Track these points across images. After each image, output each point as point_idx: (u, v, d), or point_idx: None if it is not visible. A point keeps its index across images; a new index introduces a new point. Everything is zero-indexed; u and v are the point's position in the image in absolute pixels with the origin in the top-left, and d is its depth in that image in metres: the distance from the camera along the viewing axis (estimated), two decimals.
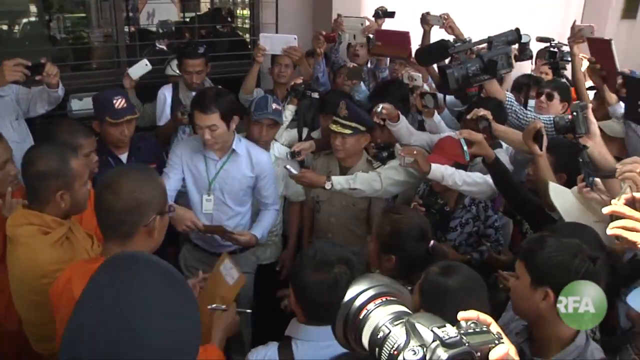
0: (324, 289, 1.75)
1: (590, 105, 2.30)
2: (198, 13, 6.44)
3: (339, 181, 2.98)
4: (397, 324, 0.91)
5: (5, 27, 6.09)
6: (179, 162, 3.03)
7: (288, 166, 3.03)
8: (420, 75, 3.58)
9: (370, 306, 0.96)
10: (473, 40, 2.92)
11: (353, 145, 3.16)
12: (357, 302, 0.97)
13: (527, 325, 1.88)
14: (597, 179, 2.17)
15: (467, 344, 0.85)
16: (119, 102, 2.94)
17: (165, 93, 3.82)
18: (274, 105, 3.19)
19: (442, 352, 0.83)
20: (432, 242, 2.36)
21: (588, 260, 1.65)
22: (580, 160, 2.18)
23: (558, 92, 3.78)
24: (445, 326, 0.87)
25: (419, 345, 0.85)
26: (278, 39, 3.87)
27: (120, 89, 3.13)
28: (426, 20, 4.06)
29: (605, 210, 1.45)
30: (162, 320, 1.06)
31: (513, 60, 2.79)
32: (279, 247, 3.63)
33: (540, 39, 4.02)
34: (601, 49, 3.17)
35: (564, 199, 2.25)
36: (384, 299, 0.97)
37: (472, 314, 0.94)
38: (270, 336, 1.95)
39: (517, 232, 3.20)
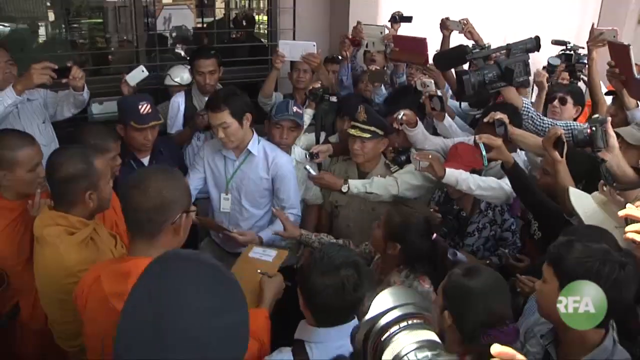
0: (330, 292, 1.78)
1: (609, 119, 2.26)
2: (216, 19, 6.48)
3: (355, 185, 3.03)
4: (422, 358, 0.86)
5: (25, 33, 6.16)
6: (201, 163, 3.14)
7: (307, 166, 3.09)
8: (433, 81, 3.58)
9: (395, 328, 0.92)
10: (492, 47, 2.91)
11: (372, 149, 3.19)
12: (382, 322, 0.93)
13: (552, 327, 1.88)
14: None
15: None
16: (145, 108, 3.00)
17: (179, 101, 3.83)
18: (295, 108, 3.23)
19: None
20: (434, 235, 2.46)
21: (618, 267, 1.66)
22: (602, 173, 2.21)
23: (571, 96, 3.75)
24: None
25: None
26: (297, 45, 3.91)
27: (146, 95, 3.18)
28: (446, 26, 4.06)
29: (621, 213, 1.47)
30: (211, 319, 1.09)
31: (530, 68, 2.78)
32: (295, 251, 3.63)
33: (556, 42, 3.99)
34: (620, 54, 3.15)
35: (585, 205, 2.25)
36: (410, 321, 0.92)
37: (508, 351, 0.87)
38: (287, 338, 1.96)
39: (525, 233, 3.18)
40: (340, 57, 4.38)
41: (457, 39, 3.86)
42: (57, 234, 2.04)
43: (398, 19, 4.33)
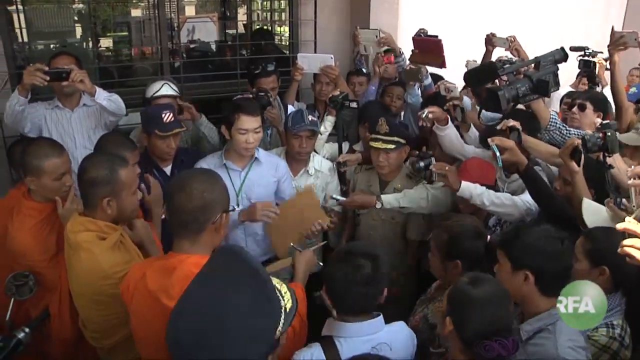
0: (342, 276, 1.88)
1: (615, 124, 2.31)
2: (240, 32, 6.56)
3: (388, 201, 3.10)
4: None
5: (53, 47, 6.33)
6: None
7: (334, 196, 3.18)
8: (456, 85, 3.60)
9: None
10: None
11: (396, 159, 3.24)
12: None
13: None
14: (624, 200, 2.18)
15: None
16: (168, 117, 3.05)
17: None
18: (310, 117, 3.28)
19: None
20: (488, 237, 2.42)
21: (557, 241, 1.94)
22: (607, 180, 2.25)
23: (591, 102, 3.59)
24: None
25: None
26: (315, 58, 3.99)
27: (168, 104, 3.24)
28: (491, 42, 4.07)
29: (619, 226, 1.47)
30: (245, 318, 1.25)
31: (559, 79, 2.78)
32: (319, 256, 3.64)
33: (574, 49, 3.90)
34: None
35: (595, 216, 2.25)
36: None
37: None
38: (310, 339, 2.05)
39: None
40: (365, 71, 4.43)
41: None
42: (91, 240, 2.13)
43: (423, 37, 4.32)
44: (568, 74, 4.27)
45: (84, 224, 2.16)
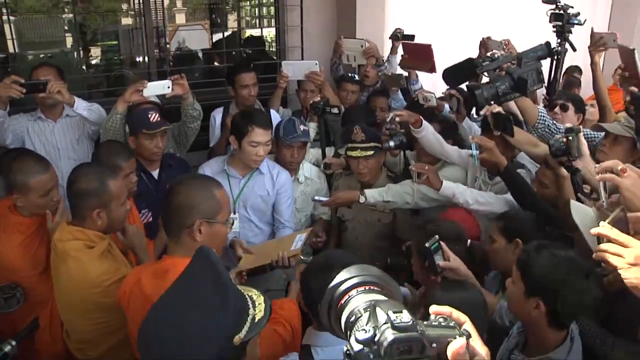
0: (320, 288, 1.79)
1: (582, 129, 2.29)
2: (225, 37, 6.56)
3: (372, 194, 3.07)
4: (368, 309, 0.93)
5: (43, 57, 6.33)
6: None
7: (317, 197, 3.19)
8: (434, 95, 3.63)
9: (353, 293, 0.99)
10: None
11: (375, 165, 3.26)
12: (342, 288, 1.00)
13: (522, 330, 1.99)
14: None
15: (419, 332, 0.84)
16: (154, 117, 3.08)
17: (216, 116, 3.97)
18: (302, 127, 3.30)
19: (389, 334, 0.83)
20: (469, 241, 2.43)
21: (582, 275, 1.75)
22: (575, 183, 2.21)
23: (572, 103, 3.73)
24: (402, 312, 0.86)
25: (373, 327, 0.86)
26: (300, 65, 4.01)
27: (154, 106, 3.23)
28: (486, 45, 4.09)
29: (593, 231, 1.45)
30: (201, 315, 1.29)
31: (544, 76, 2.69)
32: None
33: (546, 1, 3.66)
34: (627, 58, 3.13)
35: (584, 217, 2.26)
36: (367, 287, 0.99)
37: (445, 309, 0.93)
38: None
39: None
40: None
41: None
42: (79, 248, 2.15)
43: (400, 37, 4.35)
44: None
45: (72, 232, 2.17)
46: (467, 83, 2.90)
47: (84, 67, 5.66)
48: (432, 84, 4.08)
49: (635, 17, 6.61)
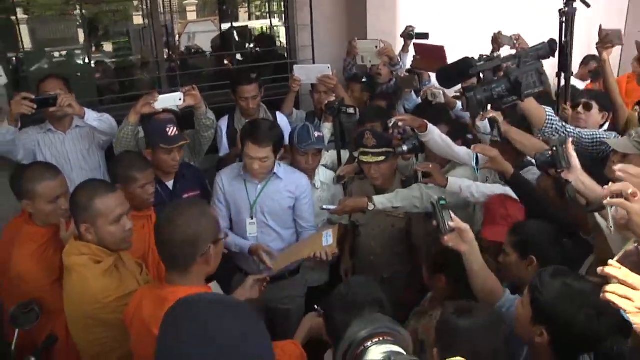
0: (347, 327, 1.80)
1: (570, 139, 2.13)
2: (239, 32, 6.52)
3: (380, 201, 3.03)
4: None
5: (57, 54, 6.37)
6: (221, 197, 3.18)
7: (324, 206, 3.16)
8: (442, 92, 3.59)
9: (368, 343, 1.07)
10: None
11: (388, 170, 3.22)
12: (359, 336, 1.09)
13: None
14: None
15: None
16: (172, 130, 3.06)
17: (221, 126, 3.93)
18: (316, 134, 3.27)
19: None
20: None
21: (593, 314, 1.66)
22: (567, 196, 2.08)
23: (596, 101, 3.53)
24: None
25: None
26: (312, 69, 4.00)
27: (172, 118, 3.22)
28: (497, 41, 4.04)
29: (599, 271, 1.35)
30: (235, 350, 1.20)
31: (547, 77, 2.63)
32: (326, 270, 3.66)
33: None
34: None
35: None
36: (381, 338, 1.08)
37: None
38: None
39: None
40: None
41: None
42: (84, 263, 2.14)
43: (413, 35, 4.31)
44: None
45: (78, 247, 2.18)
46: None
47: (94, 66, 5.67)
48: None
49: None
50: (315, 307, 2.28)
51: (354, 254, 3.58)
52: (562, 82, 3.25)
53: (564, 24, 2.83)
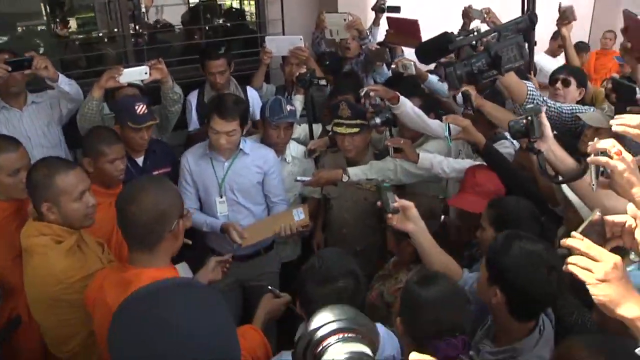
0: (325, 302, 1.77)
1: (544, 109, 2.08)
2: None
3: (355, 172, 3.05)
4: None
5: (19, 29, 6.15)
6: (188, 177, 3.12)
7: (299, 178, 3.15)
8: (412, 63, 3.61)
9: (331, 339, 0.99)
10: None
11: (362, 142, 3.20)
12: (319, 334, 1.00)
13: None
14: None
15: None
16: (141, 108, 2.99)
17: (191, 100, 3.88)
18: (289, 107, 3.22)
19: None
20: (442, 217, 2.42)
21: (542, 270, 1.72)
22: (538, 167, 2.08)
23: (574, 77, 3.59)
24: None
25: None
26: (283, 40, 3.93)
27: (140, 96, 3.17)
28: (468, 14, 4.05)
29: (562, 242, 1.36)
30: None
31: (527, 50, 2.47)
32: (298, 245, 3.66)
33: None
34: (634, 28, 2.89)
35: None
36: (345, 334, 0.99)
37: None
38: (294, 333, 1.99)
39: None
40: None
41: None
42: (45, 243, 2.09)
43: (385, 9, 4.27)
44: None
45: (38, 228, 2.12)
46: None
47: (58, 40, 5.50)
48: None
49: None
50: (269, 287, 2.28)
51: (326, 228, 3.58)
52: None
53: None
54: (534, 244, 1.79)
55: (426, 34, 3.79)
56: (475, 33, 2.42)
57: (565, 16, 3.75)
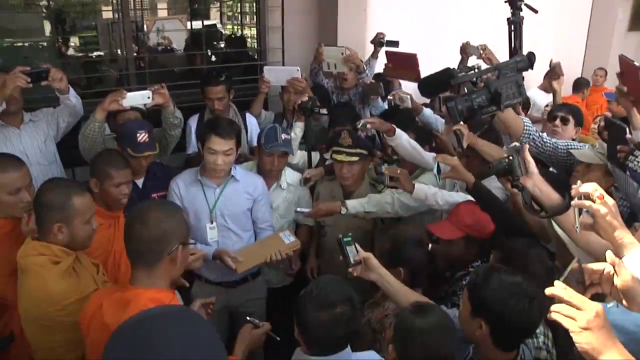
0: (324, 328, 1.83)
1: (526, 146, 2.11)
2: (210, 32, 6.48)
3: (353, 205, 3.09)
4: None
5: (20, 45, 6.20)
6: (178, 200, 3.11)
7: (299, 209, 3.20)
8: (409, 96, 3.67)
9: None
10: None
11: (359, 171, 3.26)
12: None
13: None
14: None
15: None
16: (142, 137, 3.03)
17: (191, 124, 3.94)
18: (284, 136, 3.26)
19: None
20: (429, 245, 2.47)
21: (524, 299, 1.78)
22: (523, 203, 2.12)
23: (573, 116, 3.71)
24: None
25: None
26: (281, 71, 4.01)
27: (146, 123, 3.20)
28: (465, 50, 4.13)
29: (547, 292, 1.39)
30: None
31: (525, 89, 2.55)
32: (289, 269, 3.64)
33: None
34: (631, 74, 2.97)
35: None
36: None
37: None
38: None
39: None
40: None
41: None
42: (42, 264, 2.10)
43: (384, 43, 4.35)
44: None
45: (37, 248, 2.14)
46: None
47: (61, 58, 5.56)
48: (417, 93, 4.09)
49: (615, 20, 6.71)
50: (247, 318, 2.30)
51: (319, 255, 3.60)
52: None
53: (512, 33, 2.93)
54: (513, 276, 1.86)
55: (424, 68, 3.91)
56: (476, 70, 2.49)
57: (555, 72, 4.22)
